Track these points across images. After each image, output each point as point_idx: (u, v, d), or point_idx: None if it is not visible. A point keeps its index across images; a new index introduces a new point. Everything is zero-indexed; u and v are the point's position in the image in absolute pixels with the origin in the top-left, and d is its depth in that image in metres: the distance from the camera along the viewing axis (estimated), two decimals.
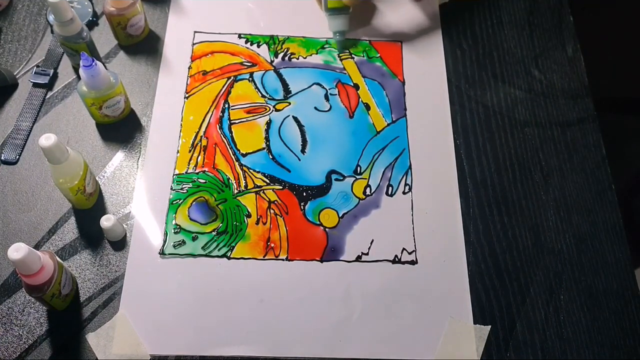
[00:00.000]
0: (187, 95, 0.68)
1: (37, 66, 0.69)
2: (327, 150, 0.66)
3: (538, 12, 0.77)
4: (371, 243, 0.61)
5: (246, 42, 0.72)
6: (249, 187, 0.63)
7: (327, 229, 0.61)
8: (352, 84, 0.70)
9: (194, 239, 0.60)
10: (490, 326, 0.57)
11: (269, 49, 0.72)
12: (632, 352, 0.57)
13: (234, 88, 0.69)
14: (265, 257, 0.59)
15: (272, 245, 0.60)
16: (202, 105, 0.68)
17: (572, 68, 0.73)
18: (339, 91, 0.70)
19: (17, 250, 0.47)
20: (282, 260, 0.59)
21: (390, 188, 0.64)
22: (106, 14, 0.67)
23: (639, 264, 0.66)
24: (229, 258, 0.59)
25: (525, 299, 0.59)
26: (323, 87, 0.70)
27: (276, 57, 0.72)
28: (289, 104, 0.69)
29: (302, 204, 0.62)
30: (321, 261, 0.60)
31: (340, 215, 0.62)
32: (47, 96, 0.68)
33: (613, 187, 0.65)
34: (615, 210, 0.64)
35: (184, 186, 0.63)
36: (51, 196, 0.62)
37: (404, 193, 0.64)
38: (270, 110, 0.68)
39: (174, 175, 0.63)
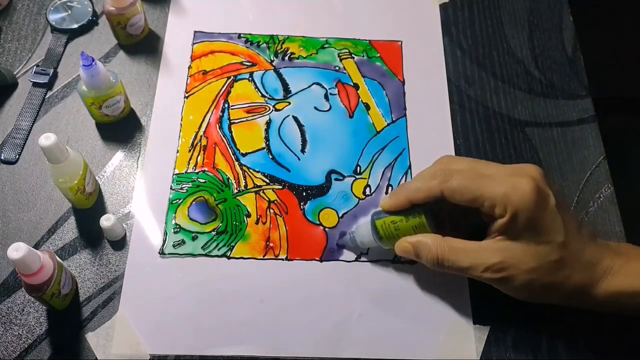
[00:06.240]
0: (187, 95, 0.68)
1: (37, 65, 0.69)
2: (327, 150, 0.66)
3: (538, 12, 0.77)
4: None
5: (246, 42, 0.72)
6: (248, 187, 0.63)
7: (326, 229, 0.61)
8: (352, 84, 0.70)
9: (194, 238, 0.60)
10: (490, 326, 0.57)
11: (269, 48, 0.72)
12: (631, 352, 0.57)
13: (234, 88, 0.69)
14: (265, 257, 0.59)
15: (272, 245, 0.60)
16: (202, 105, 0.68)
17: (572, 68, 0.73)
18: (338, 91, 0.70)
19: (17, 250, 0.47)
20: (282, 260, 0.59)
21: (390, 188, 0.64)
22: (106, 14, 0.67)
23: None
24: (228, 258, 0.59)
25: None
26: (323, 87, 0.70)
27: (276, 57, 0.72)
28: (289, 103, 0.69)
29: (301, 203, 0.62)
30: (321, 261, 0.59)
31: (340, 215, 0.62)
32: (47, 96, 0.68)
33: (613, 187, 0.65)
34: (615, 210, 0.64)
35: (183, 186, 0.63)
36: (51, 196, 0.62)
37: None
38: (270, 110, 0.68)
39: (173, 174, 0.63)
